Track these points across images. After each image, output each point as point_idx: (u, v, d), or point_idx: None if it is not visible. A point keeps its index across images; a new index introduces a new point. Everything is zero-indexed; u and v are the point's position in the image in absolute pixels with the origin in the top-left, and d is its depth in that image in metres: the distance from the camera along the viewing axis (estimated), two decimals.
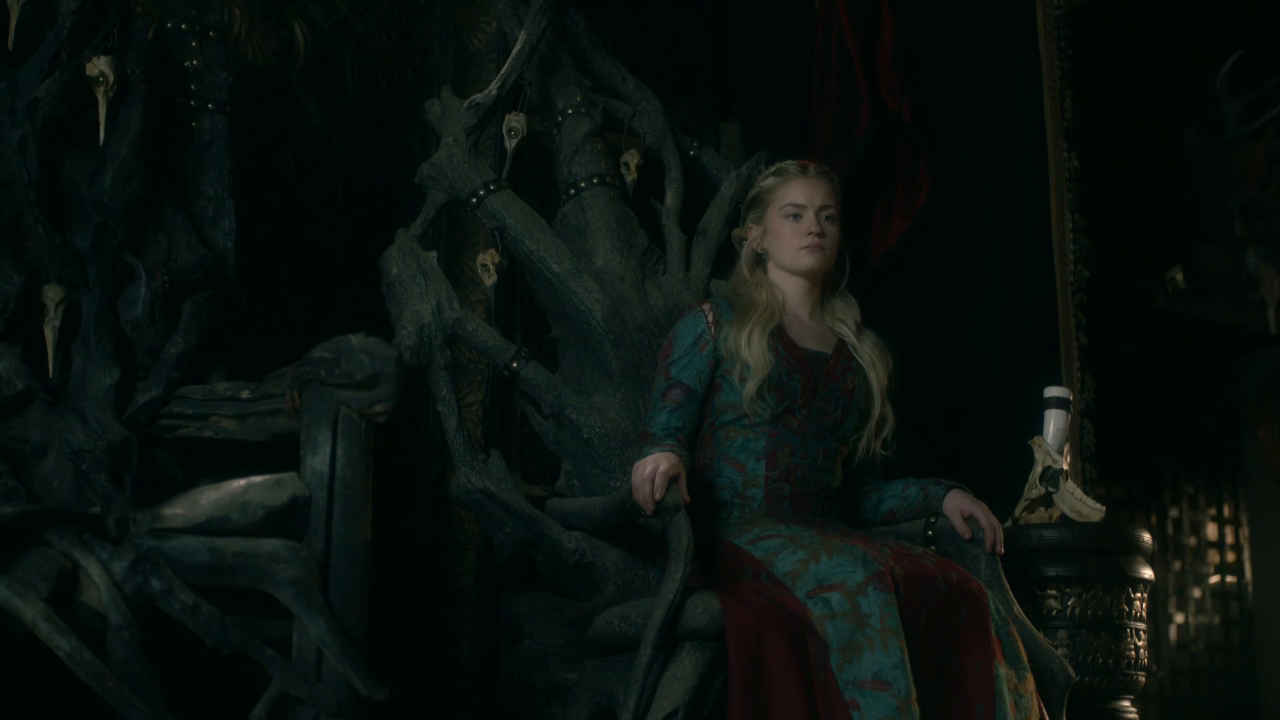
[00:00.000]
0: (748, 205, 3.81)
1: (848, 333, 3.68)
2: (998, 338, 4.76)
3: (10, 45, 3.21)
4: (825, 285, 3.73)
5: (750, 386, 3.50)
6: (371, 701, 2.58)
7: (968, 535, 3.45)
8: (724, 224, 4.05)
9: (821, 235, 3.64)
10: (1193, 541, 5.54)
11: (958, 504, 3.49)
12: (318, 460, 2.73)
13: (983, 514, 3.47)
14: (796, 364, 3.55)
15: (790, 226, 3.64)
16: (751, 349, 3.52)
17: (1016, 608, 3.37)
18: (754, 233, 3.73)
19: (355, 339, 2.76)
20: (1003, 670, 3.14)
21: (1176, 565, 5.33)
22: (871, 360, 3.66)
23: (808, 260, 3.63)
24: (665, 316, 3.82)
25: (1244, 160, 5.74)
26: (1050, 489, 3.85)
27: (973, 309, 4.83)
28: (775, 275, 3.70)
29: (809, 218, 3.63)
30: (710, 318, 3.59)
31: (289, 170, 4.36)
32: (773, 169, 3.78)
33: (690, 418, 3.54)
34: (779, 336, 3.57)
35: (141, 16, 3.54)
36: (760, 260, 3.73)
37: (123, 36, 3.35)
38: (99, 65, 3.26)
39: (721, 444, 3.55)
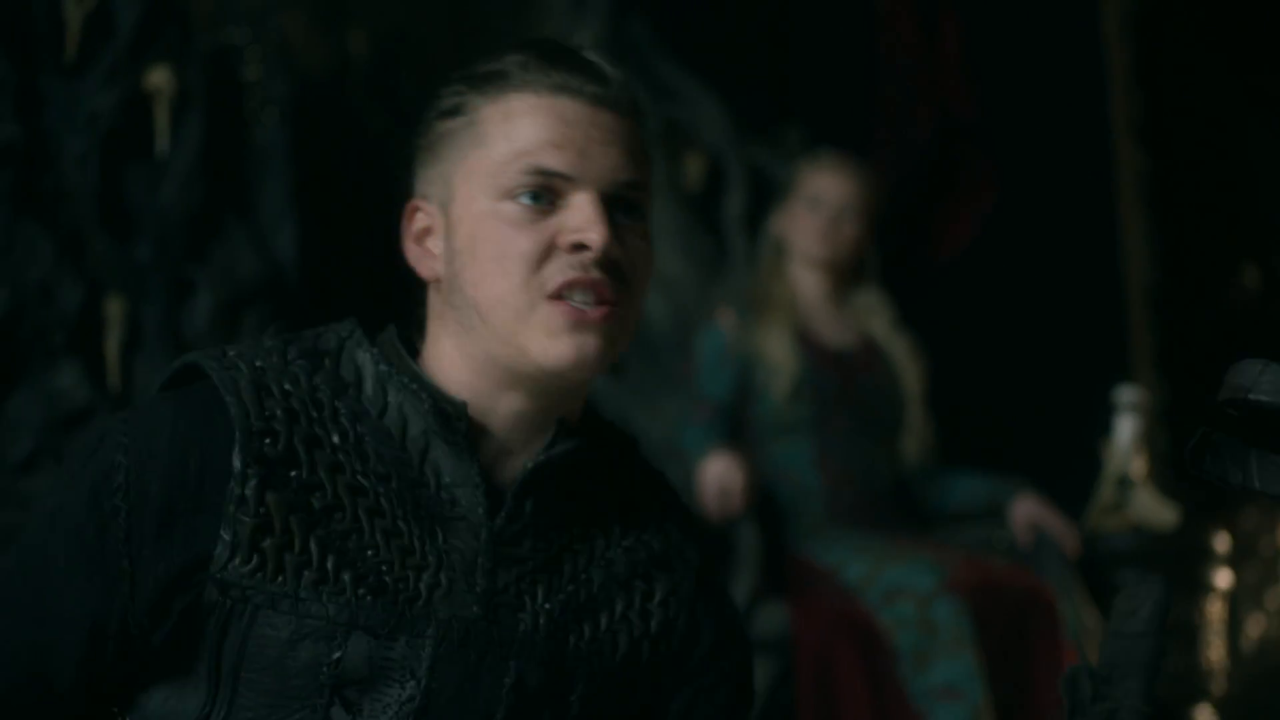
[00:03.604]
0: (781, 192, 3.76)
1: (878, 328, 3.63)
2: (1067, 339, 4.71)
3: (69, 57, 3.21)
4: (844, 279, 3.66)
5: (782, 386, 3.45)
6: None
7: (1029, 546, 3.40)
8: None
9: (835, 228, 3.57)
10: (1270, 547, 5.46)
11: (1025, 511, 3.44)
12: None
13: (1054, 519, 3.41)
14: (825, 361, 3.50)
15: (808, 215, 3.58)
16: (776, 349, 3.47)
17: (1090, 616, 3.32)
18: (779, 219, 3.67)
19: None
20: None
21: (1253, 571, 5.26)
22: (904, 361, 3.61)
23: (817, 249, 3.57)
24: None
25: None
26: (1122, 495, 3.79)
27: (1041, 310, 4.79)
28: (793, 265, 3.63)
29: (826, 209, 3.57)
30: (728, 325, 3.53)
31: (350, 179, 4.35)
32: (810, 158, 3.73)
33: (724, 432, 3.46)
34: (803, 334, 3.52)
35: (200, 27, 3.54)
36: (781, 248, 3.66)
37: (182, 48, 3.35)
38: (159, 77, 3.26)
39: (769, 458, 3.48)
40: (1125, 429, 3.84)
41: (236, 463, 1.35)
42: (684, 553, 1.56)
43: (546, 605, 1.44)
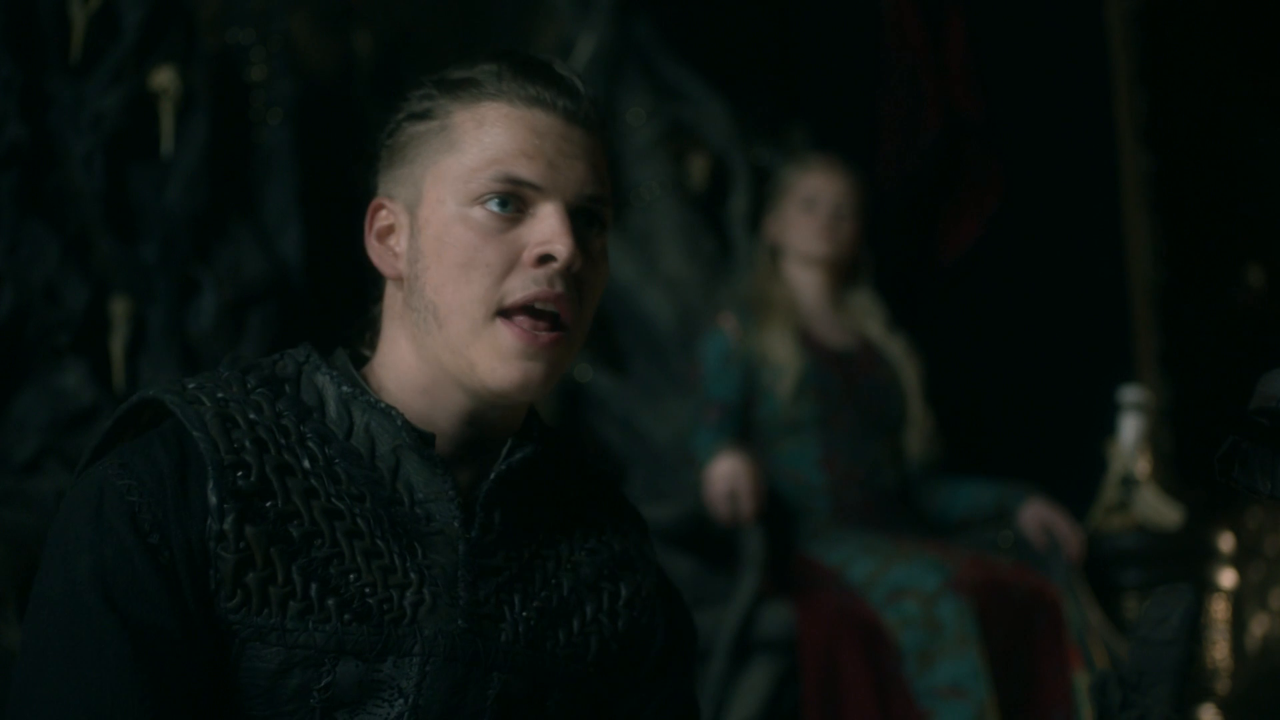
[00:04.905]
0: (770, 198, 3.77)
1: (873, 329, 3.64)
2: (1071, 339, 4.71)
3: (75, 58, 3.21)
4: (842, 279, 3.67)
5: (787, 386, 3.46)
6: None
7: (1044, 548, 3.40)
8: None
9: (834, 226, 3.59)
10: (1275, 546, 5.47)
11: (1036, 514, 3.44)
12: None
13: (1062, 522, 3.42)
14: (827, 361, 3.51)
15: (804, 217, 3.60)
16: (779, 349, 3.48)
17: (1094, 615, 3.32)
18: (773, 225, 3.68)
19: None
20: (1080, 678, 3.10)
21: (1257, 570, 5.27)
22: (901, 360, 3.62)
23: (819, 247, 3.58)
24: None
25: None
26: (1127, 494, 3.79)
27: (1046, 310, 4.79)
28: (791, 268, 3.65)
29: (822, 209, 3.59)
30: (730, 328, 3.54)
31: (355, 180, 4.35)
32: (796, 162, 3.75)
33: (734, 433, 3.47)
34: (805, 334, 3.53)
35: (206, 28, 3.55)
36: (776, 254, 3.68)
37: (187, 48, 3.35)
38: (164, 77, 3.27)
39: (775, 458, 3.49)
40: (1129, 429, 3.84)
41: (213, 498, 1.35)
42: (643, 551, 1.58)
43: (524, 614, 1.45)
